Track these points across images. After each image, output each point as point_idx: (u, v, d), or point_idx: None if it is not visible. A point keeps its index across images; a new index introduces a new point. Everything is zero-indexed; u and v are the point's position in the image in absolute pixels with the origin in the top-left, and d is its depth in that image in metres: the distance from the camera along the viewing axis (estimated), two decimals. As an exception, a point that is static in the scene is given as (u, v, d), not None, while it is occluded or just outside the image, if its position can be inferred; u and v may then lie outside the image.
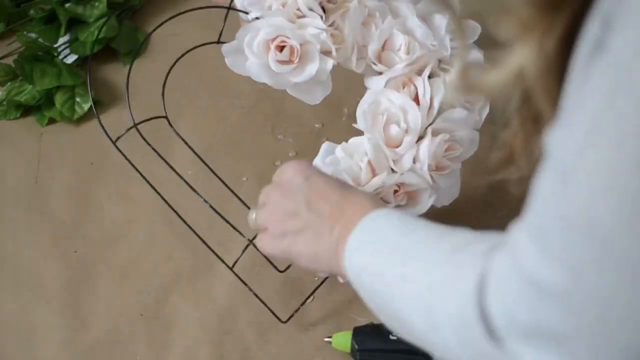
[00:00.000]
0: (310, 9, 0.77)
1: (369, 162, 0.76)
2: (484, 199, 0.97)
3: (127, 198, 1.03)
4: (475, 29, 0.78)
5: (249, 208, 0.77)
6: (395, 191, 0.77)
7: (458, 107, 0.79)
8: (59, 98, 1.10)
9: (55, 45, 1.16)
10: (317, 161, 0.79)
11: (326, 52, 0.79)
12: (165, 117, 0.73)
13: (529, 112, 0.39)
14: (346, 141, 0.81)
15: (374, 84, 0.81)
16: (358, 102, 0.82)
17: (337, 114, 1.08)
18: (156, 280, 0.95)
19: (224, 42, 0.79)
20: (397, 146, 0.78)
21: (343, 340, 0.86)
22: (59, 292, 0.94)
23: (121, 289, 0.95)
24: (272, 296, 0.92)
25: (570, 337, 0.36)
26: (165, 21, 0.72)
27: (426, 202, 0.79)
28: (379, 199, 0.72)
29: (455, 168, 0.81)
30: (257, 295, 0.83)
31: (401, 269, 0.54)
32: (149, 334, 0.91)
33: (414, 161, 0.77)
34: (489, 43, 0.42)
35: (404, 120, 0.77)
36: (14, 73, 1.14)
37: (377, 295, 0.58)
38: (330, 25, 0.79)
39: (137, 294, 0.94)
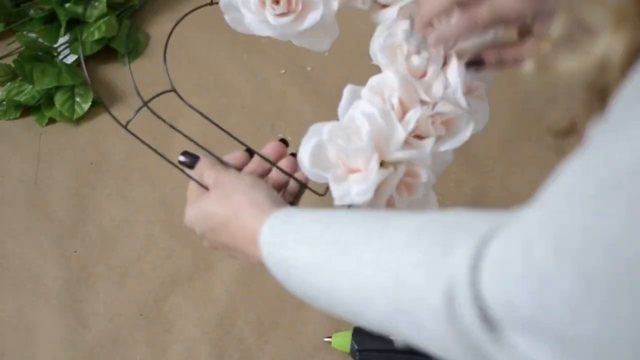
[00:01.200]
0: None
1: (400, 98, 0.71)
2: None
3: (127, 198, 1.03)
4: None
5: None
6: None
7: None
8: (58, 98, 1.10)
9: (55, 45, 1.16)
10: (340, 108, 0.75)
11: None
12: (174, 90, 0.71)
13: (597, 92, 0.37)
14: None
15: (384, 17, 0.78)
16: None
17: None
18: (156, 280, 0.95)
19: (217, 3, 0.75)
20: (423, 76, 0.73)
21: (343, 340, 0.86)
22: (59, 292, 0.94)
23: (121, 288, 0.95)
24: (272, 296, 0.92)
25: (572, 338, 0.35)
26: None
27: (465, 129, 0.73)
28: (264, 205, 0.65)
29: (484, 87, 0.77)
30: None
31: (340, 257, 0.52)
32: (148, 334, 0.91)
33: (445, 88, 0.74)
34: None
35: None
36: (14, 73, 1.14)
37: (308, 289, 0.57)
38: None
39: (137, 293, 0.94)
